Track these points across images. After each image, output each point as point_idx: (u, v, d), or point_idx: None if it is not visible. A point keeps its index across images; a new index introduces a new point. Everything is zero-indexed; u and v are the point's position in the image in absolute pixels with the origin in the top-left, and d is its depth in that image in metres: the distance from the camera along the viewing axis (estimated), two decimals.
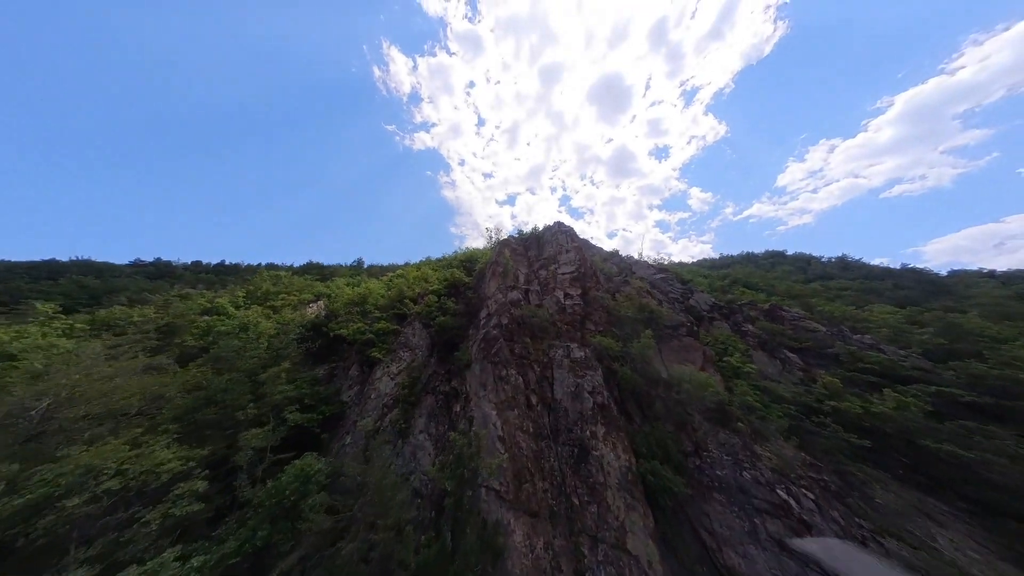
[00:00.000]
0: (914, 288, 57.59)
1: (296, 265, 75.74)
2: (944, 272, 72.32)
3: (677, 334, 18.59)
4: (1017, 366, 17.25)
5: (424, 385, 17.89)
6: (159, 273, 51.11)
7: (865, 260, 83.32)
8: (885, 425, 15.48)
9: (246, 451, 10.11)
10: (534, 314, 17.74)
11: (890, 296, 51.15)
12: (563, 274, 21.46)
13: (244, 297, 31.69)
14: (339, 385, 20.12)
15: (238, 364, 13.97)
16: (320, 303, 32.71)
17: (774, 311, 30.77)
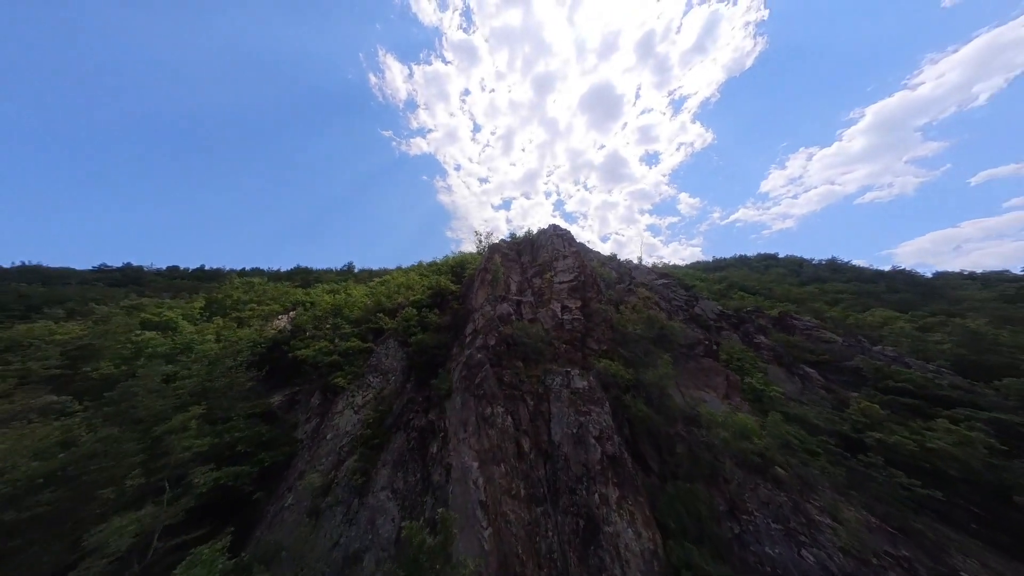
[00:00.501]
0: (908, 291, 55.80)
1: (284, 270, 71.44)
2: (929, 274, 71.40)
3: (693, 354, 15.56)
4: None
5: (396, 419, 14.47)
6: (126, 279, 45.84)
7: (851, 262, 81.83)
8: (947, 465, 12.57)
9: (97, 557, 6.48)
10: (526, 333, 14.52)
11: (887, 300, 49.09)
12: (560, 283, 18.35)
13: (203, 308, 27.73)
14: (298, 416, 16.60)
15: (147, 405, 10.37)
16: (292, 314, 28.98)
17: (785, 319, 28.07)
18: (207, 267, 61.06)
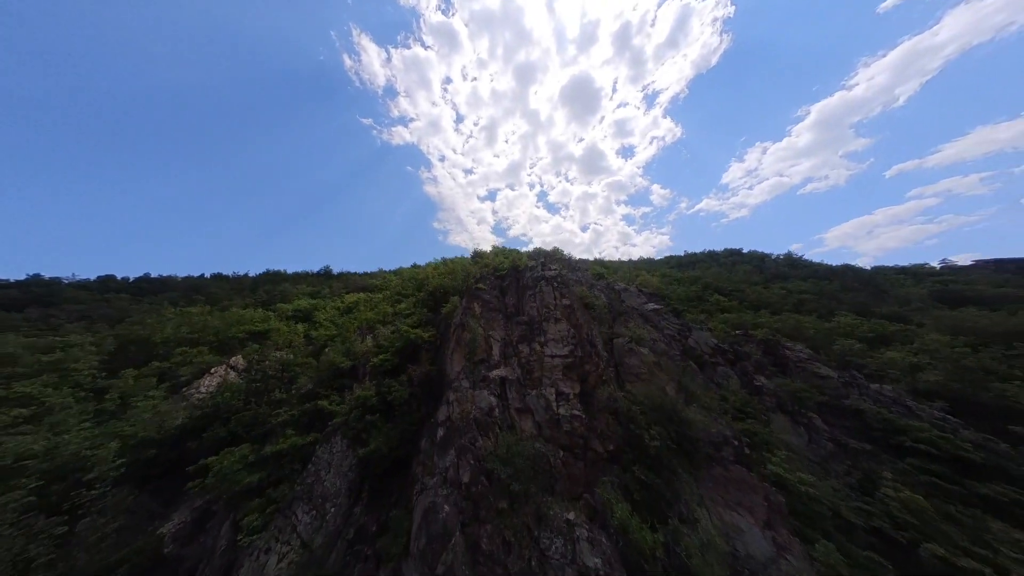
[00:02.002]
0: (861, 290, 55.84)
1: (252, 274, 61.73)
2: (868, 267, 73.25)
3: (720, 457, 11.54)
4: None
5: None
6: (28, 299, 30.09)
7: (805, 256, 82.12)
8: None
9: None
10: (512, 460, 9.68)
11: (844, 300, 48.55)
12: (553, 357, 13.50)
13: (112, 355, 20.53)
14: (207, 543, 11.23)
15: None
16: (236, 361, 22.32)
17: (776, 349, 25.10)
18: (153, 275, 49.67)
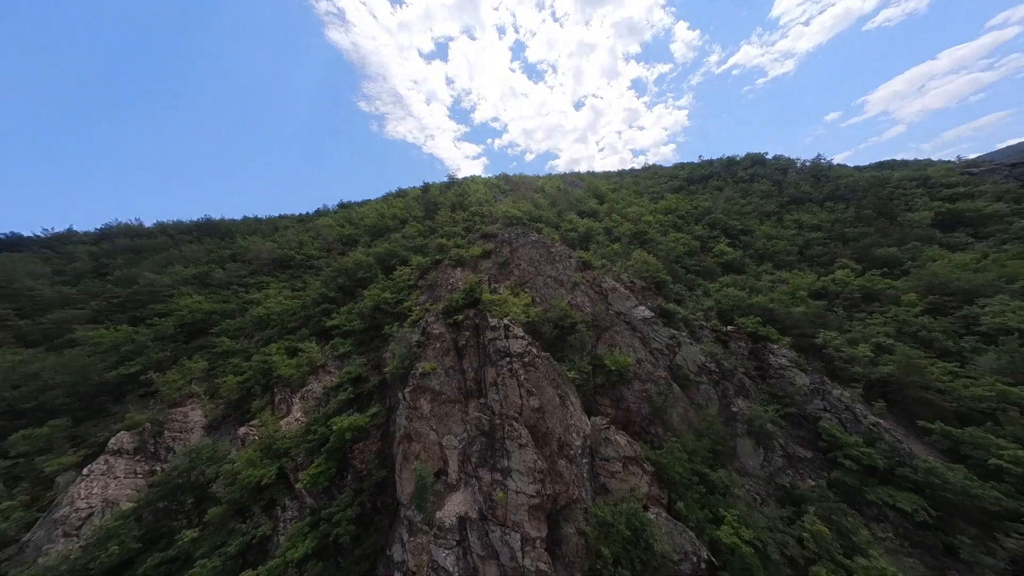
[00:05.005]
0: (872, 221, 56.75)
1: (84, 231, 48.79)
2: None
3: (679, 571, 13.73)
4: None
5: None
6: None
7: (833, 162, 78.22)
8: None
9: None
10: None
11: (851, 240, 50.11)
12: (519, 494, 12.81)
13: None
14: None
15: None
16: (118, 442, 19.46)
17: (761, 353, 26.89)
18: None
